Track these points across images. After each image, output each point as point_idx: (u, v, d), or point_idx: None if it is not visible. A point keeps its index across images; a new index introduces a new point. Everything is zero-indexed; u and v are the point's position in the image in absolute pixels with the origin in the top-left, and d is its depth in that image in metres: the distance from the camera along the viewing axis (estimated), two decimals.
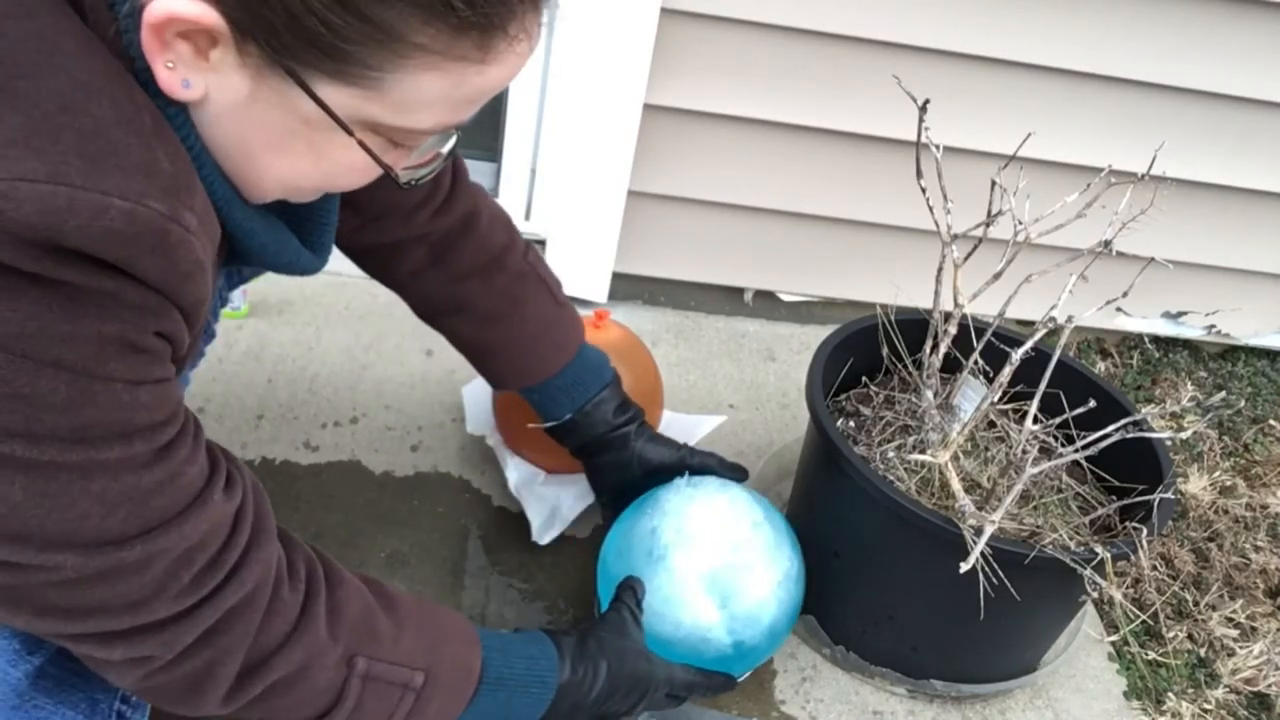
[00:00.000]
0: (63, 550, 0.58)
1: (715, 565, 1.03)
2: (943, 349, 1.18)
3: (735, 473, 1.17)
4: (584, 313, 1.33)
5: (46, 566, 0.58)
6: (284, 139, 0.61)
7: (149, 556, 0.61)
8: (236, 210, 0.66)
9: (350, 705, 0.74)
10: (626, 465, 1.14)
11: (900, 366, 1.28)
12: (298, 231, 0.77)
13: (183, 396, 0.65)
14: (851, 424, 1.22)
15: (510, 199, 1.68)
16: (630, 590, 1.02)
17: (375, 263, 1.08)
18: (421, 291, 1.09)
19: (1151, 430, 1.06)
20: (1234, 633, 1.36)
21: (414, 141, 0.65)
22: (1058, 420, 1.14)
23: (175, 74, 0.57)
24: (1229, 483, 1.62)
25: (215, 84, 0.58)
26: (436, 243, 1.04)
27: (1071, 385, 1.19)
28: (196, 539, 0.64)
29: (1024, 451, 1.10)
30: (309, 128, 0.61)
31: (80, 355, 0.54)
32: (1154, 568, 1.43)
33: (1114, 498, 1.18)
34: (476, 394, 1.39)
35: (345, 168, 0.64)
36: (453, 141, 0.69)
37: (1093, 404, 1.10)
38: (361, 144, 0.61)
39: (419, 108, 0.60)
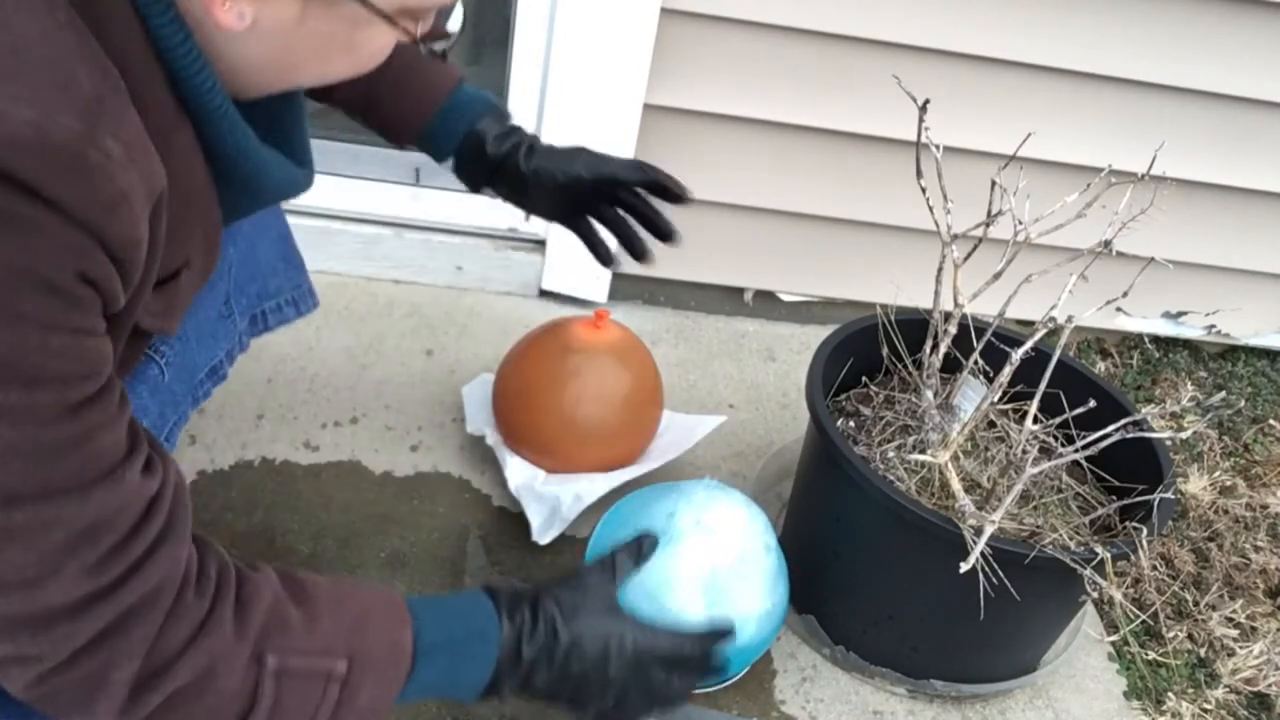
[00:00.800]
0: None
1: (719, 566, 1.03)
2: (943, 349, 1.18)
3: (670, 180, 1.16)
4: (584, 313, 1.33)
5: None
6: (328, 46, 0.65)
7: (43, 523, 0.56)
8: (232, 118, 0.66)
9: (267, 706, 0.68)
10: (540, 184, 1.12)
11: (900, 366, 1.28)
12: (284, 149, 0.76)
13: (111, 360, 0.60)
14: (851, 424, 1.22)
15: None
16: (634, 548, 0.93)
17: None
18: (341, 94, 1.09)
19: (1151, 430, 1.06)
20: (1234, 633, 1.36)
21: (424, 16, 0.68)
22: (1058, 420, 1.14)
23: (231, 9, 0.59)
24: (1229, 483, 1.62)
25: (265, 11, 0.61)
26: None
27: (1071, 385, 1.19)
28: (101, 517, 0.58)
29: (1024, 451, 1.10)
30: (352, 28, 0.64)
31: None
32: (1154, 568, 1.43)
33: (1114, 498, 1.18)
34: (476, 394, 1.39)
35: (378, 54, 0.68)
36: (459, 15, 0.72)
37: (1093, 404, 1.10)
38: (406, 31, 0.65)
39: None
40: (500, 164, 1.10)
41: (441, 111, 1.08)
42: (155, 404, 0.93)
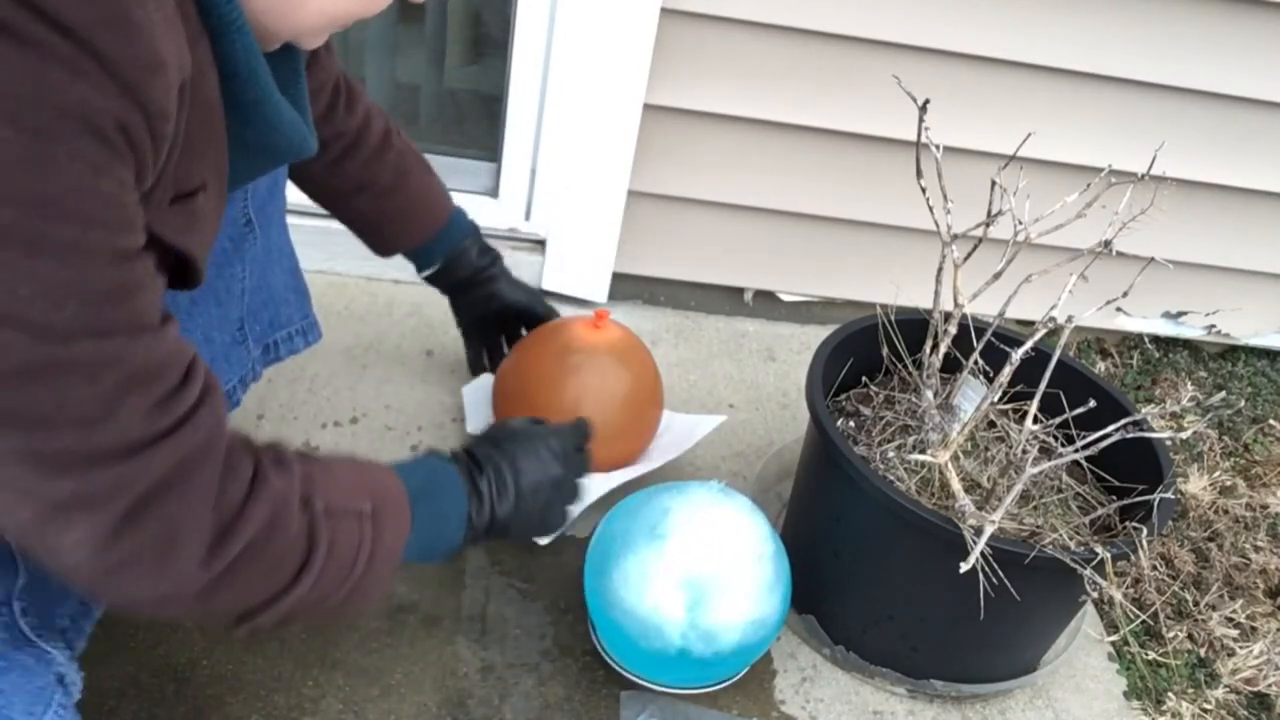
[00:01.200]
0: (8, 327, 0.54)
1: (703, 570, 1.03)
2: (943, 349, 1.18)
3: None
4: (584, 313, 1.33)
5: None
6: None
7: (101, 361, 0.58)
8: (249, 40, 0.67)
9: (325, 545, 0.73)
10: (488, 300, 1.35)
11: (900, 366, 1.28)
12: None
13: (144, 236, 0.62)
14: (851, 424, 1.22)
15: (510, 199, 1.69)
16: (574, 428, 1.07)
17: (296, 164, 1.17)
18: (333, 181, 1.21)
19: (1151, 430, 1.06)
20: (1234, 633, 1.36)
21: None
22: (1058, 420, 1.14)
23: None
24: (1229, 483, 1.62)
25: None
26: (347, 138, 1.17)
27: (1071, 385, 1.19)
28: (151, 363, 0.61)
29: (1024, 451, 1.10)
30: None
31: (43, 118, 0.52)
32: (1154, 568, 1.43)
33: (1114, 498, 1.18)
34: (476, 394, 1.39)
35: None
36: None
37: (1093, 404, 1.10)
38: None
39: None
40: (468, 282, 1.34)
41: (436, 236, 1.30)
42: None
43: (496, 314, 1.36)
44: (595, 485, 1.24)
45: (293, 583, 0.72)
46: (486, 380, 1.39)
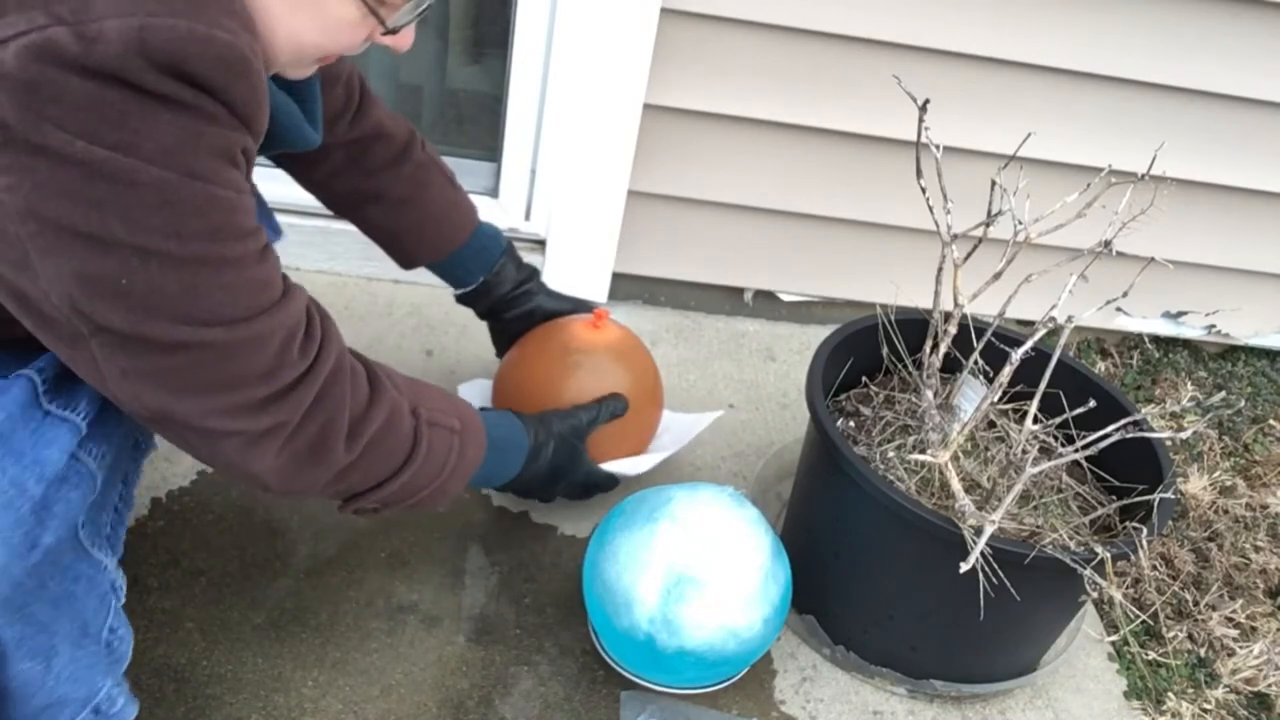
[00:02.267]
0: (212, 327, 0.72)
1: (687, 563, 1.03)
2: (943, 349, 1.18)
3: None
4: (584, 313, 1.33)
5: (204, 342, 0.72)
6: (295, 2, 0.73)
7: (269, 331, 0.76)
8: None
9: (425, 447, 0.92)
10: (530, 315, 1.34)
11: (900, 366, 1.28)
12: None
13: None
14: (851, 424, 1.22)
15: (510, 199, 1.69)
16: (611, 402, 1.22)
17: (300, 168, 1.21)
18: (339, 188, 1.22)
19: (1151, 430, 1.06)
20: (1234, 633, 1.36)
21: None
22: (1058, 420, 1.14)
23: None
24: (1229, 483, 1.62)
25: None
26: (353, 146, 1.18)
27: (1071, 385, 1.19)
28: (293, 320, 0.79)
29: (1024, 451, 1.10)
30: None
31: (207, 167, 0.68)
32: (1154, 568, 1.43)
33: (1114, 498, 1.18)
34: (472, 394, 1.39)
35: (343, 24, 0.75)
36: (428, 4, 0.79)
37: (1093, 404, 1.10)
38: (368, 5, 0.74)
39: None
40: (510, 299, 1.34)
41: (473, 242, 1.30)
42: None
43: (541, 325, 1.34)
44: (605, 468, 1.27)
45: (400, 470, 0.91)
46: (485, 385, 1.39)
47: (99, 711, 0.85)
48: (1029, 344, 1.03)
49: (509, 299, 1.33)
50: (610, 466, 1.25)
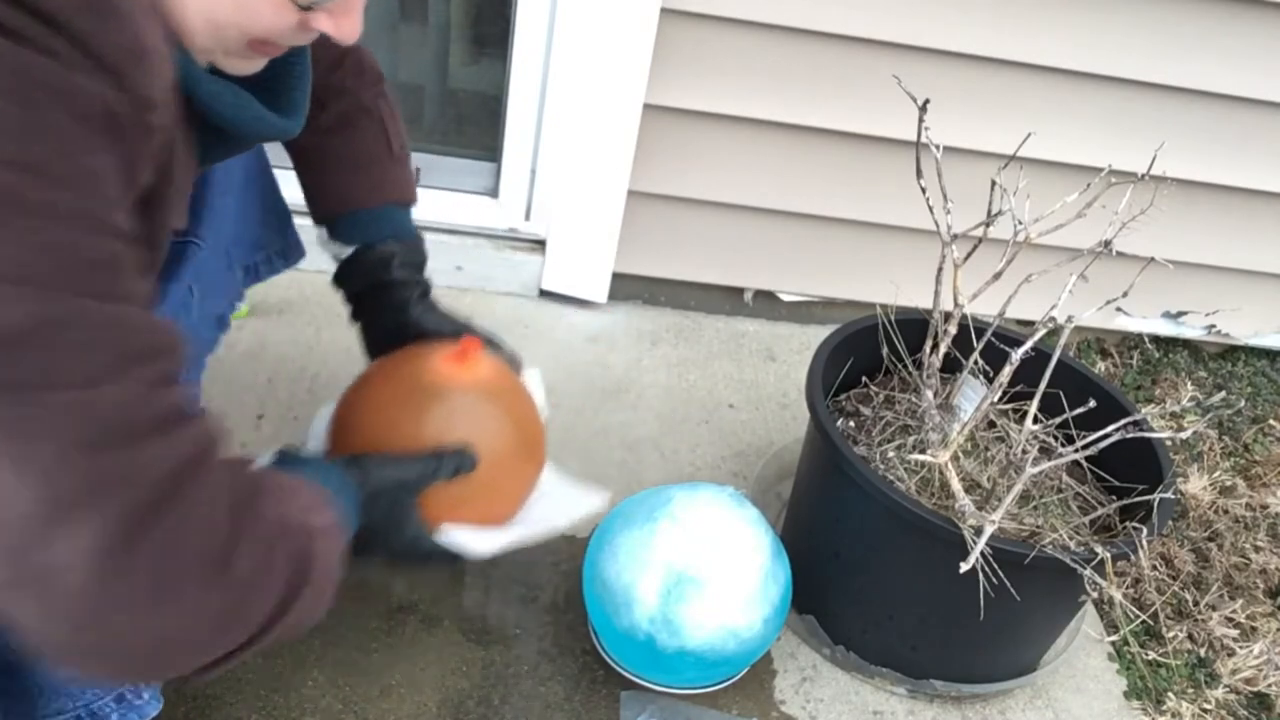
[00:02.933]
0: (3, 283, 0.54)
1: (687, 563, 1.03)
2: (943, 349, 1.18)
3: (511, 359, 1.09)
4: (467, 341, 1.04)
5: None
6: None
7: (99, 324, 0.57)
8: (179, 53, 0.65)
9: (317, 563, 0.71)
10: (401, 330, 1.06)
11: (900, 366, 1.28)
12: (263, 94, 0.77)
13: (128, 224, 0.62)
14: (851, 424, 1.22)
15: (510, 199, 1.69)
16: (456, 455, 0.93)
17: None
18: None
19: (1151, 430, 1.06)
20: (1234, 633, 1.36)
21: None
22: (1058, 420, 1.14)
23: None
24: (1229, 483, 1.62)
25: None
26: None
27: (1071, 385, 1.19)
28: (149, 340, 0.61)
29: (1024, 451, 1.10)
30: None
31: (32, 94, 0.54)
32: (1154, 568, 1.43)
33: (1114, 498, 1.18)
34: (323, 424, 1.10)
35: (258, 4, 0.65)
36: None
37: (1093, 404, 1.10)
38: None
39: None
40: (385, 288, 1.08)
41: (377, 210, 1.09)
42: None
43: (410, 342, 1.06)
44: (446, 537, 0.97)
45: (285, 606, 0.68)
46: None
47: (123, 700, 0.82)
48: (1029, 344, 1.03)
49: (381, 296, 1.08)
50: (451, 536, 0.96)
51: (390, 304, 1.08)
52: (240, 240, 1.11)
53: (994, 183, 1.12)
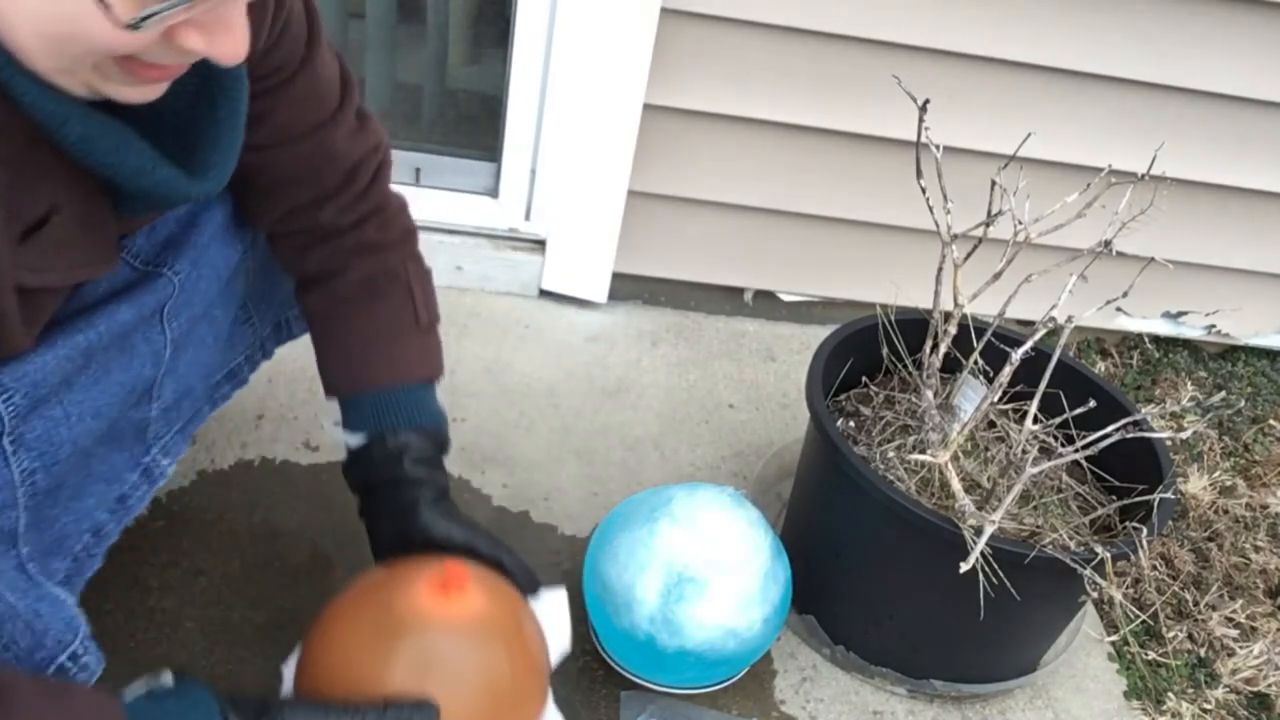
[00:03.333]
0: None
1: (687, 563, 1.03)
2: (943, 349, 1.18)
3: (526, 577, 0.95)
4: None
5: None
6: None
7: None
8: (22, 82, 0.58)
9: None
10: (407, 536, 0.93)
11: (900, 366, 1.28)
12: (172, 148, 0.69)
13: None
14: (851, 424, 1.22)
15: (510, 199, 1.69)
16: (408, 711, 0.79)
17: (268, 239, 1.02)
18: (299, 267, 1.01)
19: (1151, 430, 1.06)
20: (1234, 633, 1.36)
21: None
22: (1058, 420, 1.14)
23: None
24: (1229, 483, 1.62)
25: None
26: (329, 231, 0.97)
27: (1071, 385, 1.19)
28: None
29: (1024, 451, 1.10)
30: None
31: None
32: (1154, 568, 1.43)
33: (1114, 498, 1.18)
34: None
35: (72, 5, 0.53)
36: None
37: (1093, 404, 1.10)
38: None
39: None
40: (394, 485, 0.96)
41: (394, 392, 0.97)
42: (170, 386, 0.92)
43: (417, 549, 0.93)
44: None
45: None
46: None
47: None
48: (1029, 344, 1.03)
49: (390, 494, 0.95)
50: None
51: (398, 504, 0.95)
52: (266, 294, 1.09)
53: (994, 183, 1.12)
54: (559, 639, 0.95)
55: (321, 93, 0.88)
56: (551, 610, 0.97)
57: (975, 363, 1.18)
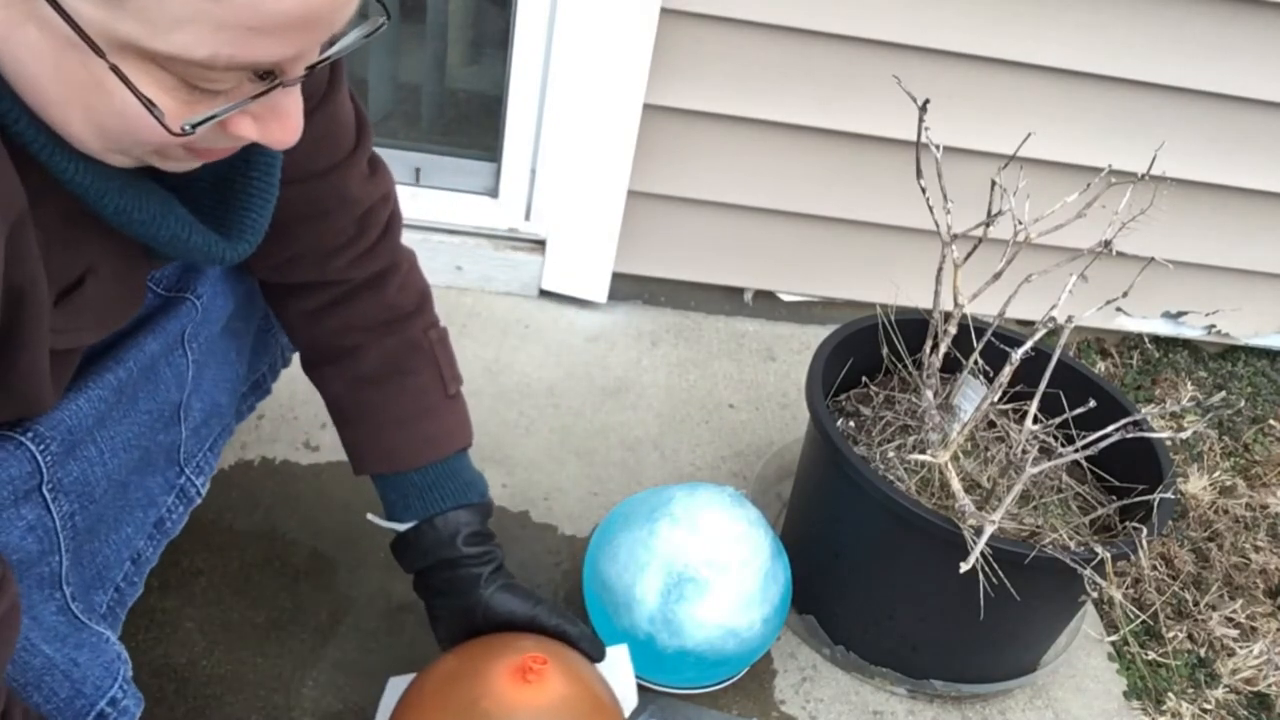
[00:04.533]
0: None
1: (687, 563, 1.03)
2: (943, 349, 1.18)
3: (591, 644, 0.96)
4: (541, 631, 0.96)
5: None
6: (58, 66, 0.52)
7: None
8: (62, 159, 0.58)
9: None
10: (469, 612, 0.94)
11: (900, 366, 1.28)
12: (206, 209, 0.70)
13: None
14: (851, 424, 1.22)
15: (510, 199, 1.69)
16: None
17: (275, 298, 0.99)
18: (310, 334, 0.98)
19: (1151, 430, 1.06)
20: (1234, 633, 1.36)
21: (206, 81, 0.53)
22: (1058, 420, 1.14)
23: None
24: (1229, 483, 1.62)
25: None
26: (342, 291, 0.94)
27: (1071, 385, 1.19)
28: None
29: (1024, 451, 1.10)
30: (76, 52, 0.51)
31: None
32: (1154, 568, 1.43)
33: (1114, 498, 1.18)
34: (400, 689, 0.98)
35: (123, 105, 0.53)
36: (271, 91, 0.56)
37: (1093, 404, 1.10)
38: (115, 69, 0.51)
39: (173, 25, 0.50)
40: (453, 564, 0.96)
41: (434, 469, 0.96)
42: (198, 406, 0.93)
43: (484, 629, 0.95)
44: None
45: None
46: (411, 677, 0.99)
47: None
48: (1029, 344, 1.03)
49: (447, 574, 0.96)
50: None
51: (457, 583, 0.95)
52: None
53: (994, 183, 1.12)
54: (628, 698, 0.98)
55: (338, 134, 0.86)
56: (617, 670, 0.99)
57: (975, 363, 1.18)
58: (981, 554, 0.96)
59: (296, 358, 1.19)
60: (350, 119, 0.88)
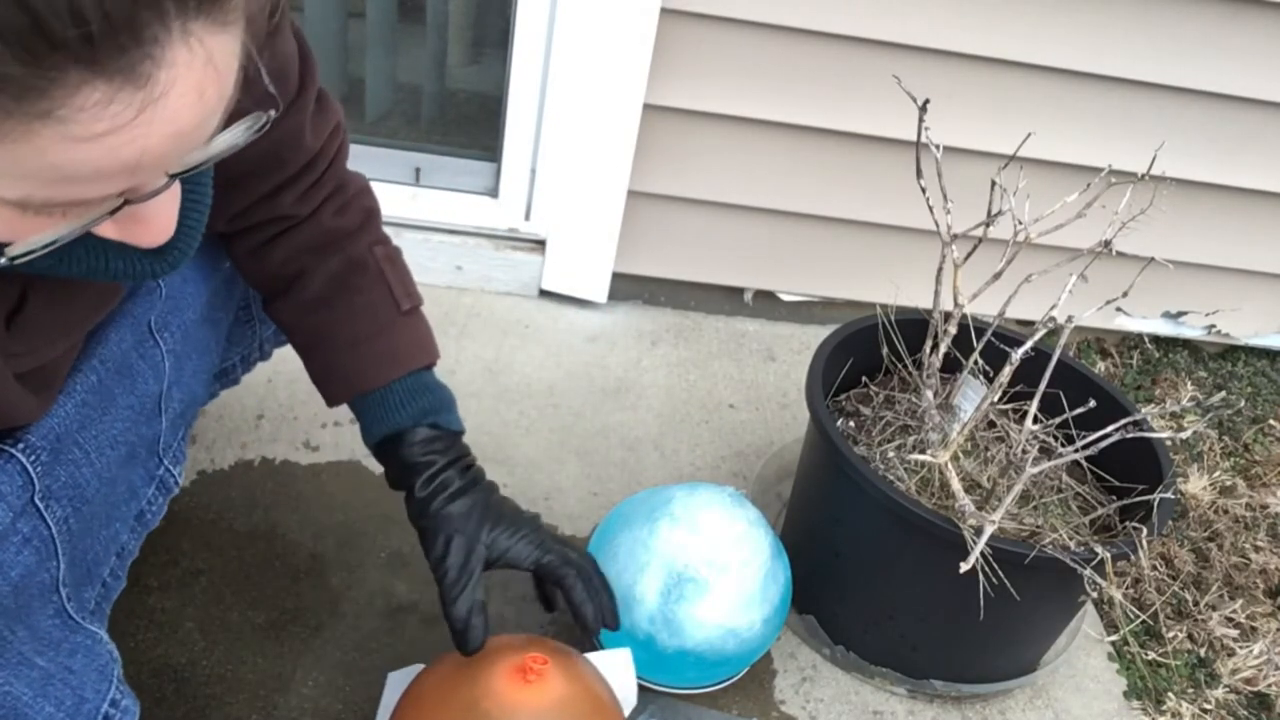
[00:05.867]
0: None
1: (686, 563, 1.03)
2: (943, 349, 1.18)
3: (589, 591, 0.96)
4: (524, 656, 0.90)
5: None
6: None
7: None
8: None
9: None
10: (470, 539, 0.93)
11: (900, 366, 1.28)
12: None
13: None
14: (851, 424, 1.22)
15: (510, 199, 1.69)
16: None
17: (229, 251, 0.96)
18: (259, 270, 0.94)
19: (1151, 430, 1.06)
20: (1234, 633, 1.36)
21: (35, 209, 0.46)
22: (1058, 420, 1.14)
23: None
24: (1229, 483, 1.62)
25: None
26: (288, 224, 0.91)
27: (1071, 385, 1.19)
28: None
29: (1024, 451, 1.10)
30: None
31: None
32: (1154, 568, 1.43)
33: (1114, 498, 1.18)
34: (402, 683, 0.99)
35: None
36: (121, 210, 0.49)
37: (1093, 404, 1.10)
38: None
39: None
40: (419, 472, 0.93)
41: (392, 389, 0.93)
42: (178, 396, 0.92)
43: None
44: None
45: None
46: (417, 668, 1.00)
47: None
48: (1029, 344, 1.03)
49: (424, 483, 0.93)
50: None
51: (441, 493, 0.94)
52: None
53: (994, 183, 1.12)
54: (628, 698, 0.99)
55: (281, 73, 0.77)
56: (618, 670, 0.99)
57: (975, 363, 1.18)
58: (981, 554, 0.96)
59: (278, 353, 1.20)
60: (291, 51, 0.79)
